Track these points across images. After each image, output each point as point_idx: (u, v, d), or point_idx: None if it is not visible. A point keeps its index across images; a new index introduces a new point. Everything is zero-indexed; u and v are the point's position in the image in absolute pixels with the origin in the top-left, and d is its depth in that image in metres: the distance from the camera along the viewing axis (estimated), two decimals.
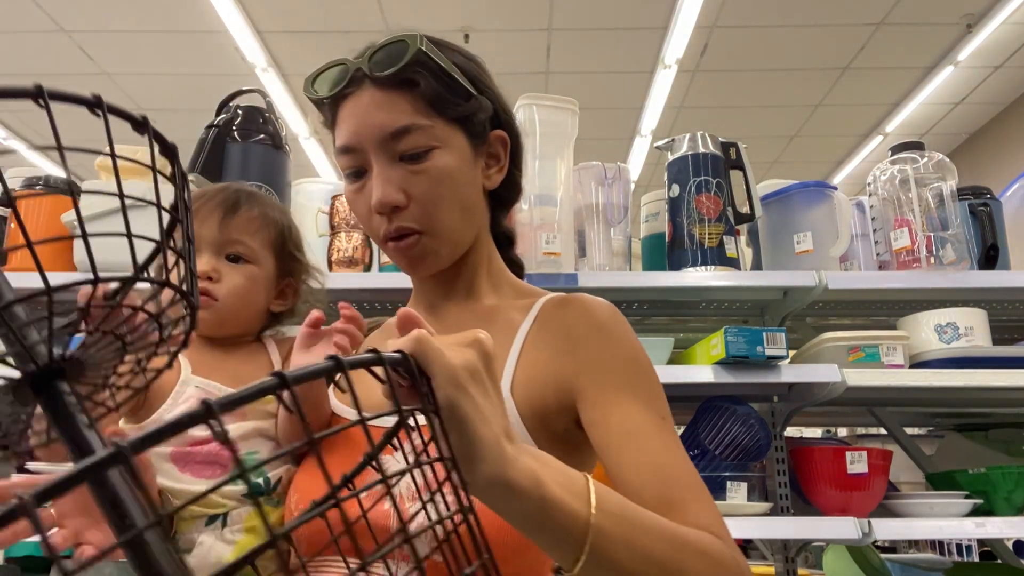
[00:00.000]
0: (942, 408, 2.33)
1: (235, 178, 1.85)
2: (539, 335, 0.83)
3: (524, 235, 1.84)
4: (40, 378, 0.40)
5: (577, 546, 0.56)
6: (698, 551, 0.63)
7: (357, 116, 0.80)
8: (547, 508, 0.54)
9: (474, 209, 0.86)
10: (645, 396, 0.77)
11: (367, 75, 0.79)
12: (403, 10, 4.66)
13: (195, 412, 0.30)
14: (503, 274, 0.93)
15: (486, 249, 0.91)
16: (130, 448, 0.28)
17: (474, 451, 0.51)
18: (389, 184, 0.79)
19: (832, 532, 1.66)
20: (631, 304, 2.06)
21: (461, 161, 0.82)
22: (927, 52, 5.18)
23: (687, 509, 0.69)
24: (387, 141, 0.79)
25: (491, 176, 0.88)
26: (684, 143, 1.94)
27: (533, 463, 0.55)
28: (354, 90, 0.80)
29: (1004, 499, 1.78)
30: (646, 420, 0.75)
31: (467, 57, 0.86)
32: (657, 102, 5.66)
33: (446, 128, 0.81)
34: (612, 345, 0.79)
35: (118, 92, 5.54)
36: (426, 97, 0.79)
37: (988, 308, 1.88)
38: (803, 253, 1.91)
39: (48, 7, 4.58)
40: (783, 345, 1.67)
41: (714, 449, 1.76)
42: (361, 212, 0.83)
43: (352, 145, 0.80)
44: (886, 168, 1.98)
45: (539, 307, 0.86)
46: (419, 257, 0.83)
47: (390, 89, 0.79)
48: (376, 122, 0.78)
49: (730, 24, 4.83)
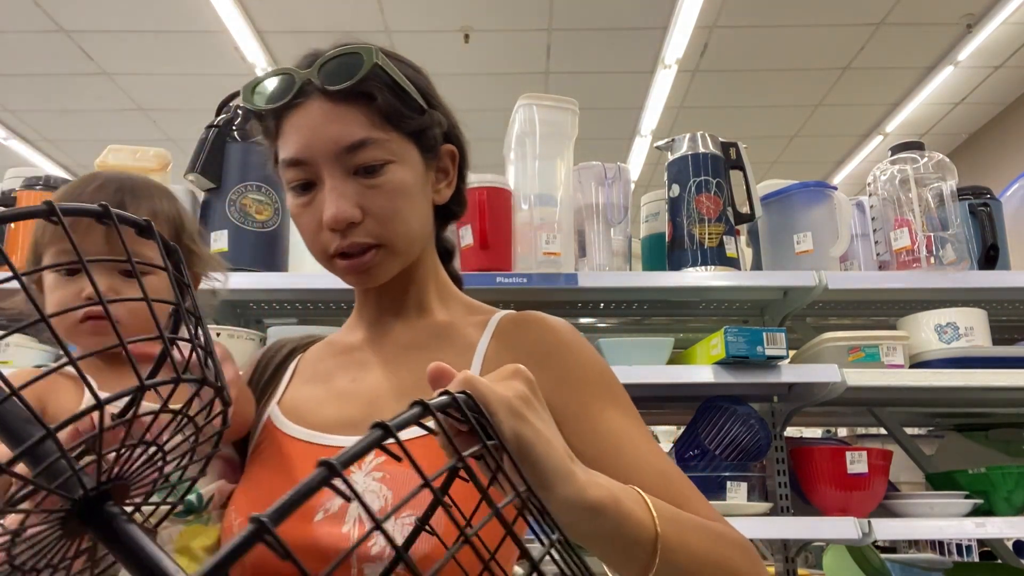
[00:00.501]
0: (942, 408, 2.33)
1: (235, 178, 1.85)
2: (499, 352, 0.82)
3: (524, 235, 1.84)
4: (87, 506, 0.39)
5: (649, 556, 0.57)
6: (731, 542, 0.66)
7: (308, 128, 0.76)
8: (623, 523, 0.55)
9: (427, 223, 0.85)
10: (623, 404, 0.78)
11: (317, 88, 0.76)
12: (403, 10, 4.65)
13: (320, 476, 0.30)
14: (450, 288, 0.93)
15: (433, 263, 0.90)
16: (271, 521, 0.27)
17: (549, 477, 0.51)
18: (344, 199, 0.76)
19: (832, 532, 1.66)
20: (631, 304, 2.06)
21: (415, 176, 0.81)
22: (927, 52, 5.18)
23: (692, 506, 0.70)
24: (341, 155, 0.76)
25: (440, 190, 0.87)
26: (684, 143, 1.94)
27: (602, 480, 0.56)
28: (302, 101, 0.77)
29: (1004, 499, 1.78)
30: (631, 426, 0.76)
31: (415, 69, 0.84)
32: (657, 102, 5.66)
33: (401, 142, 0.79)
34: (582, 359, 0.80)
35: (118, 92, 5.54)
36: (382, 111, 0.77)
37: (988, 308, 1.88)
38: (803, 253, 1.91)
39: (48, 7, 4.58)
40: (783, 345, 1.67)
41: (714, 449, 1.76)
42: (308, 227, 0.79)
43: (303, 158, 0.77)
44: (886, 168, 1.98)
45: (495, 324, 0.85)
46: (368, 270, 0.80)
47: (343, 102, 0.76)
48: (330, 135, 0.76)
49: (730, 24, 4.83)
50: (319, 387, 0.85)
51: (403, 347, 0.85)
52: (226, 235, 1.82)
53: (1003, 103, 5.86)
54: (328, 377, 0.86)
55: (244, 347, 1.80)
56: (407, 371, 0.83)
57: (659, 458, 0.74)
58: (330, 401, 0.82)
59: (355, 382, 0.84)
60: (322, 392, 0.84)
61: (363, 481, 0.73)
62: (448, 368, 0.56)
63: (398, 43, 4.99)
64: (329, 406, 0.82)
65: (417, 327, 0.87)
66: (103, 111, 5.79)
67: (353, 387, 0.83)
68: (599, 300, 2.02)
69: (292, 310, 2.06)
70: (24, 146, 6.28)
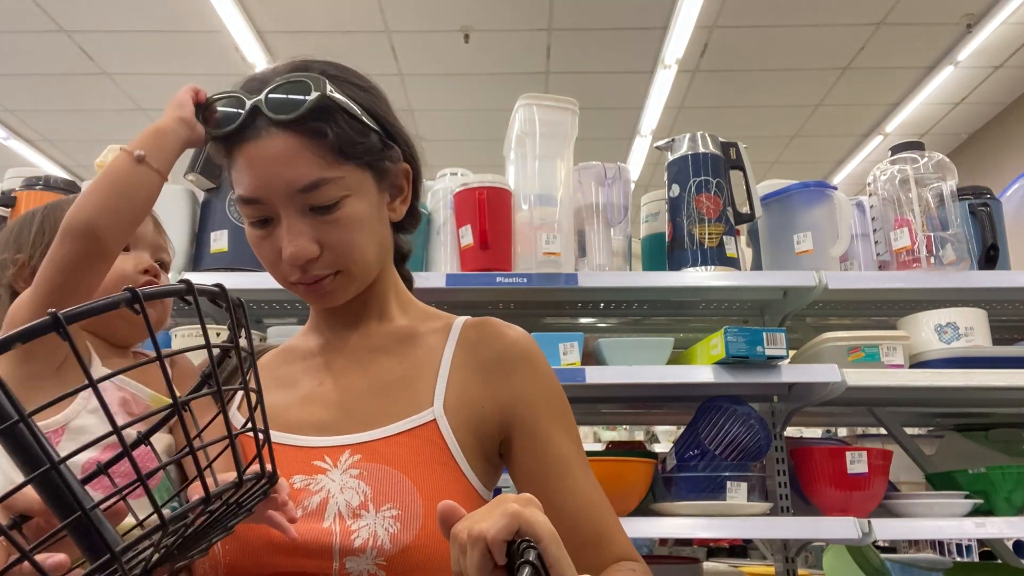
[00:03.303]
0: (942, 408, 2.33)
1: None
2: (465, 357, 0.84)
3: (524, 235, 1.84)
4: None
5: None
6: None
7: (261, 168, 0.76)
8: None
9: (384, 243, 0.86)
10: (571, 430, 0.84)
11: (266, 117, 0.75)
12: (403, 10, 4.65)
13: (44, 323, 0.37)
14: (407, 295, 0.94)
15: (391, 275, 0.91)
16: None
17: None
18: (302, 237, 0.76)
19: (832, 532, 1.66)
20: (631, 304, 2.06)
21: (370, 203, 0.81)
22: (927, 52, 5.18)
23: (615, 540, 0.79)
24: (295, 195, 0.76)
25: (396, 208, 0.87)
26: (684, 143, 1.94)
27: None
28: (252, 133, 0.76)
29: (1004, 499, 1.78)
30: (575, 455, 0.82)
31: (365, 89, 0.83)
32: (657, 102, 5.66)
33: (355, 172, 0.79)
34: (540, 376, 0.85)
35: (118, 92, 5.54)
36: (333, 146, 0.76)
37: (988, 308, 1.88)
38: (803, 253, 1.91)
39: (48, 7, 4.58)
40: (783, 345, 1.67)
41: (714, 449, 1.76)
42: (268, 257, 0.80)
43: (258, 197, 0.77)
44: (886, 168, 1.98)
45: (458, 330, 0.87)
46: (330, 293, 0.82)
47: (294, 134, 0.75)
48: (284, 176, 0.75)
49: (730, 24, 4.83)
50: (284, 392, 0.86)
51: (367, 350, 0.87)
52: (226, 235, 1.82)
53: (1003, 103, 5.86)
54: (292, 382, 0.87)
55: None
56: (373, 373, 0.84)
57: (593, 488, 0.81)
58: (298, 404, 0.83)
59: (322, 385, 0.85)
60: (288, 396, 0.85)
61: (340, 478, 0.75)
62: (458, 508, 0.58)
63: (398, 43, 4.99)
64: (297, 409, 0.83)
65: (379, 333, 0.88)
66: (103, 111, 5.79)
67: (320, 390, 0.84)
68: (599, 300, 2.02)
69: (292, 310, 2.06)
70: (24, 146, 6.28)
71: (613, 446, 3.11)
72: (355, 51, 5.08)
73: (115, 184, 0.77)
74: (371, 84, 0.84)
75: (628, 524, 1.69)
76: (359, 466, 0.75)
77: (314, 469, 0.76)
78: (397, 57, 5.14)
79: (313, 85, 0.75)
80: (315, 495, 0.74)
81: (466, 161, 2.07)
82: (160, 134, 0.79)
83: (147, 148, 0.78)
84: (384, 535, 0.70)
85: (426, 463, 0.75)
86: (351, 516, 0.72)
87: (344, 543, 0.71)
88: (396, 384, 0.82)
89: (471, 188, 1.83)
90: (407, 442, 0.77)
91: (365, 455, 0.76)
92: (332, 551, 0.70)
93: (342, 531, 0.71)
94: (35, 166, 4.78)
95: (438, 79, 5.37)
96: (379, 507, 0.72)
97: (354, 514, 0.72)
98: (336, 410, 0.81)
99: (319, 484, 0.74)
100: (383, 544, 0.70)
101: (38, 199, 1.93)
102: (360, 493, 0.73)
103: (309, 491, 0.74)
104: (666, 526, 1.74)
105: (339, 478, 0.75)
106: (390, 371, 0.84)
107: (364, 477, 0.74)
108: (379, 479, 0.74)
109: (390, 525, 0.71)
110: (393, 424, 0.78)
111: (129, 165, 0.77)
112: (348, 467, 0.75)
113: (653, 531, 1.78)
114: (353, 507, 0.72)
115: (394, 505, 0.72)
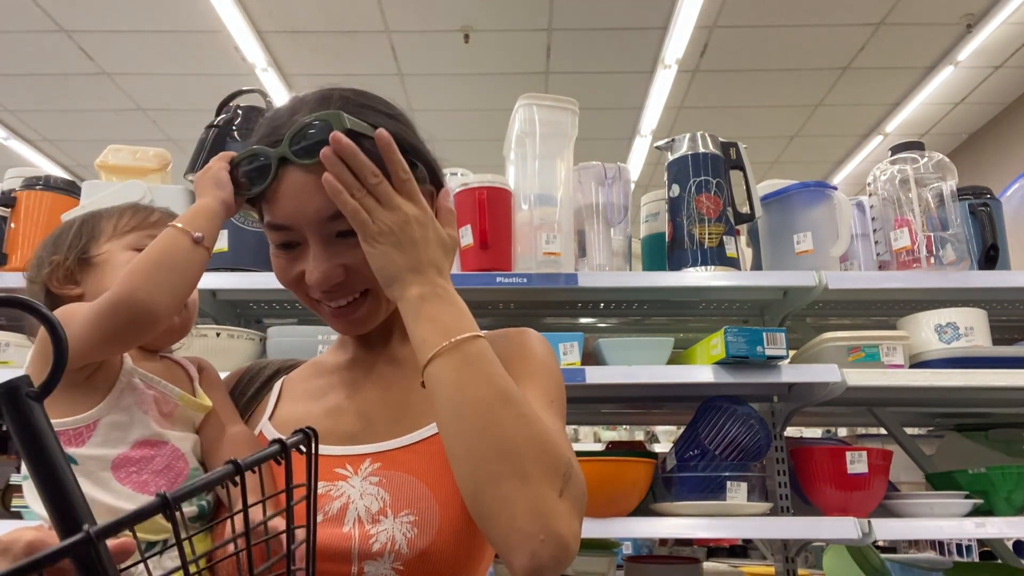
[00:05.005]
0: (942, 408, 2.33)
1: None
2: None
3: (524, 235, 1.84)
4: None
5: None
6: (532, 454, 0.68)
7: (291, 199, 0.78)
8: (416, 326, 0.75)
9: None
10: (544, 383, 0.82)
11: (292, 161, 0.78)
12: (403, 10, 4.65)
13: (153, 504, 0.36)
14: None
15: None
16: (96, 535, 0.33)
17: None
18: (329, 263, 0.79)
19: (832, 532, 1.66)
20: (631, 304, 2.06)
21: None
22: (927, 52, 5.18)
23: None
24: (324, 223, 0.78)
25: None
26: (684, 143, 1.94)
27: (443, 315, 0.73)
28: (281, 174, 0.79)
29: (1004, 499, 1.78)
30: (536, 397, 0.78)
31: (390, 115, 0.84)
32: (657, 102, 5.66)
33: None
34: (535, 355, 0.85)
35: (118, 92, 5.54)
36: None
37: (988, 308, 1.88)
38: (803, 253, 1.91)
39: (48, 7, 4.58)
40: (783, 345, 1.67)
41: (714, 449, 1.76)
42: (290, 278, 0.82)
43: (288, 225, 0.79)
44: (886, 168, 1.98)
45: None
46: (360, 320, 0.84)
47: (320, 169, 0.76)
48: (313, 207, 0.77)
49: (730, 24, 4.83)
50: (312, 404, 0.88)
51: (390, 366, 0.89)
52: (226, 235, 1.82)
53: (1003, 103, 5.86)
54: (320, 395, 0.89)
55: (244, 347, 1.80)
56: (395, 386, 0.87)
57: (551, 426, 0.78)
58: (325, 416, 0.86)
59: (349, 399, 0.87)
60: (315, 408, 0.88)
61: (360, 485, 0.77)
62: None
63: (398, 43, 4.99)
64: (324, 421, 0.85)
65: (402, 349, 0.89)
66: (103, 111, 5.80)
67: (347, 403, 0.87)
68: (599, 300, 2.02)
69: (292, 310, 2.06)
70: (24, 146, 6.28)
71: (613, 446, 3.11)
72: (355, 51, 5.08)
73: (175, 265, 0.77)
74: (397, 111, 0.86)
75: (628, 524, 1.70)
76: (378, 474, 0.78)
77: (335, 476, 0.79)
78: (397, 57, 5.14)
79: (334, 123, 0.76)
80: (335, 500, 0.77)
81: (466, 161, 2.07)
82: (210, 215, 0.81)
83: (203, 230, 0.79)
84: (401, 540, 0.73)
85: (441, 470, 0.77)
86: (370, 521, 0.75)
87: (362, 547, 0.73)
88: (415, 397, 0.84)
89: (471, 188, 1.83)
90: (424, 450, 0.80)
91: (384, 463, 0.79)
92: (351, 555, 0.73)
93: (361, 536, 0.74)
94: (35, 166, 4.78)
95: (438, 79, 5.37)
96: (397, 513, 0.75)
97: (373, 519, 0.75)
98: (359, 421, 0.84)
99: (340, 490, 0.77)
100: (400, 548, 0.73)
101: (38, 199, 1.93)
102: (379, 499, 0.76)
103: (330, 496, 0.77)
104: (666, 526, 1.74)
105: (359, 485, 0.78)
106: (410, 385, 0.86)
107: (383, 484, 0.77)
108: (397, 486, 0.77)
109: (407, 530, 0.74)
110: (411, 434, 0.81)
111: (188, 246, 0.78)
112: (368, 474, 0.78)
113: (653, 531, 1.79)
114: (372, 513, 0.75)
115: (411, 511, 0.75)
